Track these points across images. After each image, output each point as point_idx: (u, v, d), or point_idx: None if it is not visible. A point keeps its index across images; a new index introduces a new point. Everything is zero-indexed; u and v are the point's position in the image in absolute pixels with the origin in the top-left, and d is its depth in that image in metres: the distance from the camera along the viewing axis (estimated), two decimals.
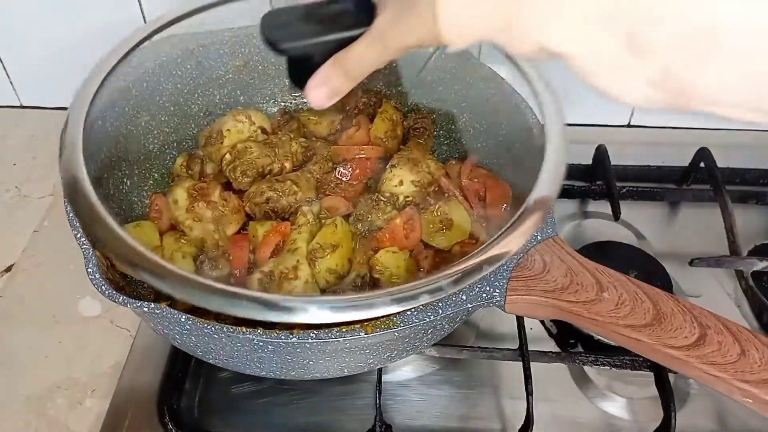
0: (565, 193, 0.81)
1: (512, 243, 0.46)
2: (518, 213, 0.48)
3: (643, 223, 0.78)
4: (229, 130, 0.67)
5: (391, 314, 0.46)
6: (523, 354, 0.60)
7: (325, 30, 0.44)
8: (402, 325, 0.47)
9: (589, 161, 0.82)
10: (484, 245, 0.46)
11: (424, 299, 0.43)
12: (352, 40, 0.43)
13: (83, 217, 0.46)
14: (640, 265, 0.70)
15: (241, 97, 0.72)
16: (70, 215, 0.49)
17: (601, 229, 0.78)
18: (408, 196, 0.63)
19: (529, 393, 0.57)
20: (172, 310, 0.47)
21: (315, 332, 0.46)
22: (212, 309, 0.41)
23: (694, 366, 0.45)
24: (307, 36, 0.44)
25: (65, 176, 0.48)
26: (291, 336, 0.46)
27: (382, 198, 0.62)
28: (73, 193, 0.47)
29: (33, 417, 0.62)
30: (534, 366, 0.59)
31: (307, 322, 0.41)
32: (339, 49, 0.44)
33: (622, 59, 0.36)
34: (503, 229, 0.47)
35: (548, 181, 0.49)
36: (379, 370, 0.60)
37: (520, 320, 0.63)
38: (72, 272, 0.74)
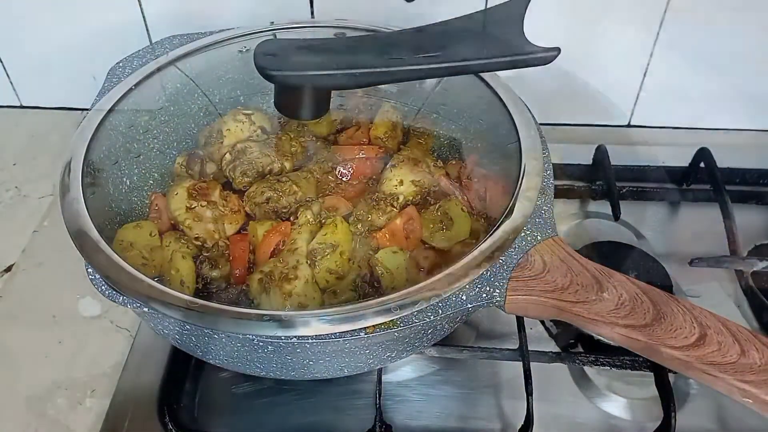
0: (565, 193, 0.81)
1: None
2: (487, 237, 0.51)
3: (643, 223, 0.78)
4: (229, 129, 0.67)
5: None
6: (523, 354, 0.60)
7: (316, 65, 0.45)
8: (402, 325, 0.47)
9: (589, 161, 0.82)
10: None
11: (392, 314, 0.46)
12: (343, 77, 0.44)
13: (100, 267, 0.49)
14: (640, 265, 0.70)
15: (241, 97, 0.72)
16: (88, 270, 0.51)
17: (601, 229, 0.78)
18: (408, 196, 0.63)
19: (529, 393, 0.57)
20: None
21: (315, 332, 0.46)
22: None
23: (694, 366, 0.45)
24: (297, 68, 0.45)
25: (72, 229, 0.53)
26: (291, 336, 0.46)
27: (382, 198, 0.62)
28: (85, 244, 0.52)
29: (33, 417, 0.62)
30: (534, 366, 0.59)
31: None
32: (326, 86, 0.44)
33: None
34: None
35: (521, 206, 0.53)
36: (379, 370, 0.60)
37: (520, 320, 0.63)
38: (72, 272, 0.73)
